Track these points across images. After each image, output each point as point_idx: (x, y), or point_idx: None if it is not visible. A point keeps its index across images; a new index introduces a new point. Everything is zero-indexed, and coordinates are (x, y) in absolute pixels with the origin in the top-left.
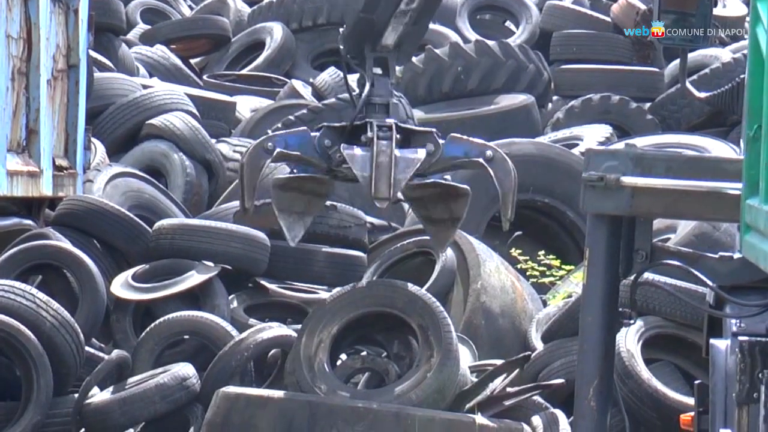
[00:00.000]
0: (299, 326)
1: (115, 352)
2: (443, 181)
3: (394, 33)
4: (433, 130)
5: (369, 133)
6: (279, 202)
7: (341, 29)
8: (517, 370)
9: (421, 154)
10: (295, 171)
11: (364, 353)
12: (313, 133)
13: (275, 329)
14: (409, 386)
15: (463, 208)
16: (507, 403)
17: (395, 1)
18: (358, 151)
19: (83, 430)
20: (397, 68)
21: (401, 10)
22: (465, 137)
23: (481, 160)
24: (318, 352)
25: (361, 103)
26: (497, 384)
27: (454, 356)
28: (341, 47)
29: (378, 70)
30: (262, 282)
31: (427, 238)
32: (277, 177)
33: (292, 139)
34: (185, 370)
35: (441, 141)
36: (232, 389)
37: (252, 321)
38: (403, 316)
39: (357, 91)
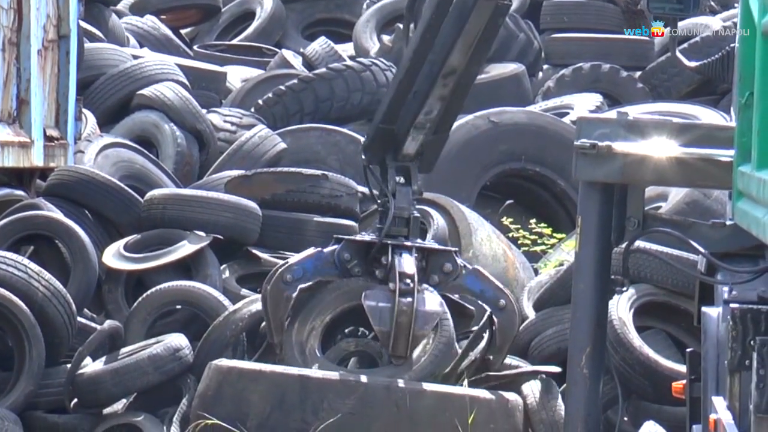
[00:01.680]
0: None
1: (108, 323)
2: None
3: (414, 142)
4: (453, 249)
5: (387, 258)
6: None
7: (362, 139)
8: (488, 333)
9: (440, 306)
10: None
11: (359, 335)
12: (330, 248)
13: None
14: (404, 370)
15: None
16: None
17: (414, 112)
18: (378, 301)
19: (76, 400)
20: (388, 38)
21: (420, 121)
22: (488, 276)
23: (490, 307)
24: (309, 339)
25: (388, 223)
26: (477, 352)
27: (449, 342)
28: (363, 157)
29: (401, 179)
30: (254, 251)
31: (420, 207)
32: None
33: (309, 263)
34: (178, 340)
35: (460, 261)
36: (224, 362)
37: (244, 291)
38: None
39: (380, 199)
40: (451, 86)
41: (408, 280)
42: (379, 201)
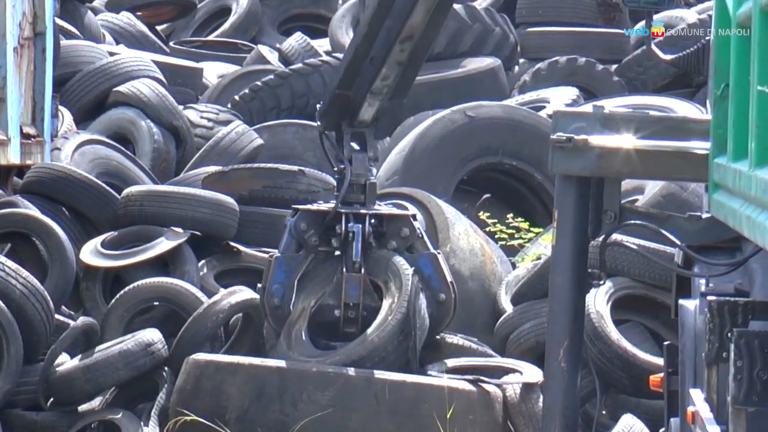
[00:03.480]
0: None
1: (81, 319)
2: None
3: (371, 108)
4: (410, 213)
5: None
6: None
7: (318, 105)
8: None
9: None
10: None
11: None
12: (285, 237)
13: (246, 292)
14: (373, 330)
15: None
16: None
17: (370, 78)
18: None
19: (51, 399)
20: None
21: (377, 87)
22: (443, 266)
23: (429, 295)
24: (299, 320)
25: (344, 190)
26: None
27: (413, 301)
28: (318, 123)
29: (356, 145)
30: (232, 243)
31: (396, 201)
32: None
33: (279, 275)
34: (150, 335)
35: (417, 224)
36: (201, 356)
37: (222, 291)
38: (372, 278)
39: (336, 166)
40: (408, 52)
41: (351, 312)
42: (335, 168)
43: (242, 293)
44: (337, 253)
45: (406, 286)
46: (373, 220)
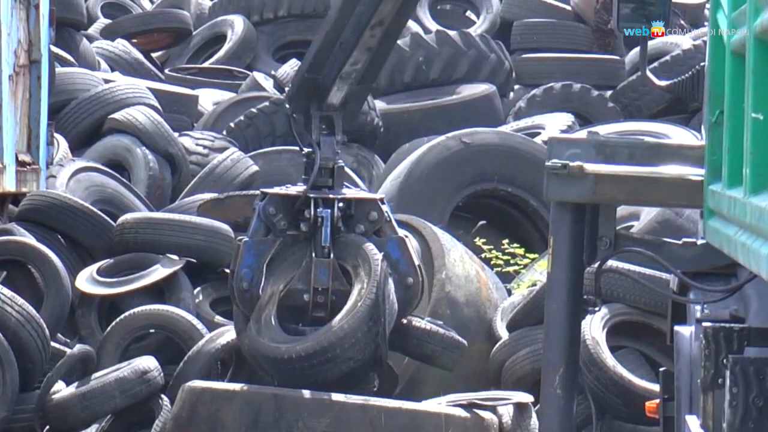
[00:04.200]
0: None
1: (78, 347)
2: None
3: (339, 93)
4: (378, 197)
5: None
6: None
7: (286, 89)
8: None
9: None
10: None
11: None
12: (254, 216)
13: None
14: (342, 317)
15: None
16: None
17: (339, 63)
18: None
19: (48, 427)
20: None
21: (346, 71)
22: (411, 250)
23: (397, 279)
24: (268, 305)
25: (314, 175)
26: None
27: (382, 286)
28: (287, 106)
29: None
30: (228, 270)
31: None
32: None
33: (248, 258)
34: (146, 363)
35: (385, 208)
36: (197, 383)
37: (218, 318)
38: (341, 263)
39: (304, 149)
40: (378, 37)
41: (320, 297)
42: (303, 152)
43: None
44: (306, 237)
45: (375, 271)
46: (341, 204)
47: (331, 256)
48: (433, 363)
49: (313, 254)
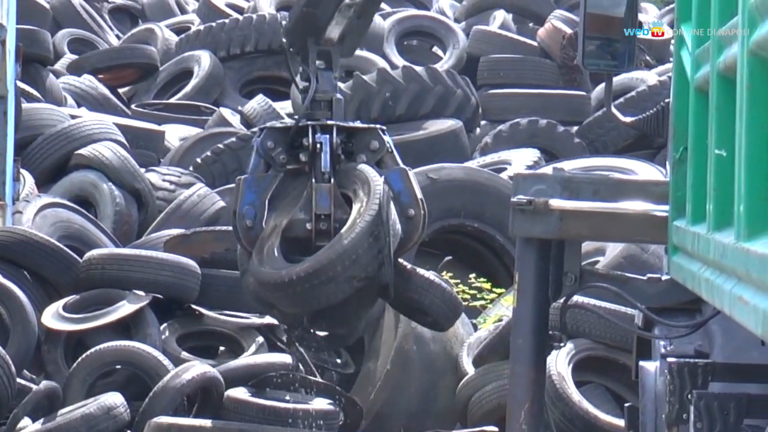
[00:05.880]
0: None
1: (44, 383)
2: None
3: (338, 27)
4: (379, 127)
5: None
6: None
7: (284, 22)
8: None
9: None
10: None
11: None
12: (253, 153)
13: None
14: (342, 234)
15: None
16: None
17: None
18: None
19: None
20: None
21: (345, 4)
22: (413, 182)
23: (398, 211)
24: (271, 237)
25: (307, 102)
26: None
27: (382, 203)
28: (284, 40)
29: (321, 63)
30: (194, 307)
31: None
32: None
33: (249, 195)
34: (112, 399)
35: (386, 138)
36: (164, 419)
37: (184, 355)
38: (342, 191)
39: (301, 86)
40: None
41: (323, 224)
42: (300, 87)
43: (203, 367)
44: (307, 169)
45: (375, 191)
46: (341, 134)
47: (332, 181)
48: (429, 317)
49: (314, 181)
